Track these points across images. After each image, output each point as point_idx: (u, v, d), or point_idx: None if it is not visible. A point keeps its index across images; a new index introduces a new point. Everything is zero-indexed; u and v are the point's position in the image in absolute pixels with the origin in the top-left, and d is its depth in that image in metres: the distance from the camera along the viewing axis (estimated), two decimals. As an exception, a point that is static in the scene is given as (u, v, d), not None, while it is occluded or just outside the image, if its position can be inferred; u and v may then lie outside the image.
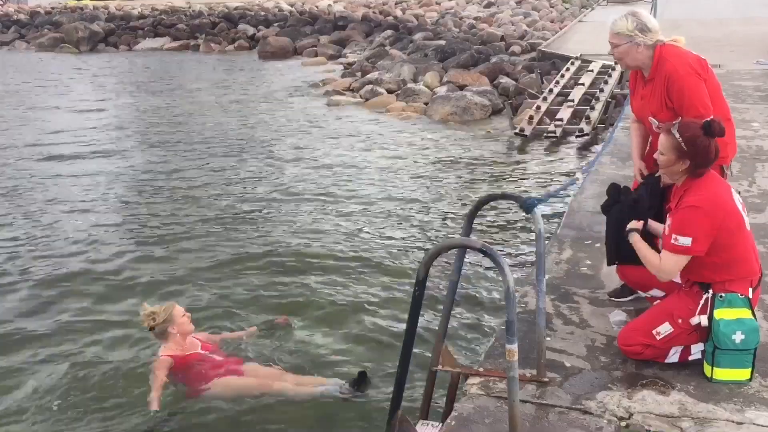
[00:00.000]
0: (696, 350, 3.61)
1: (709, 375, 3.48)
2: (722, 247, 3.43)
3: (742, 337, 3.36)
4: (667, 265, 3.50)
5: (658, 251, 3.63)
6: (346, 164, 11.27)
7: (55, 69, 24.67)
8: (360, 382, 4.79)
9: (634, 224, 3.79)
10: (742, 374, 3.45)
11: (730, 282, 3.46)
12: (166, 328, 4.94)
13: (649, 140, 4.27)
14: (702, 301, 3.48)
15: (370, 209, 8.98)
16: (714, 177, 3.56)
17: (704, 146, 3.41)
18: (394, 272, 6.99)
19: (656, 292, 3.98)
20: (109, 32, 33.50)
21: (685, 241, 3.40)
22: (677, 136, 3.43)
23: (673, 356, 3.63)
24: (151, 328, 4.97)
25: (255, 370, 4.99)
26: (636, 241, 3.69)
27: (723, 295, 3.44)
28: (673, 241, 3.44)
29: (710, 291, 3.47)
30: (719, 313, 3.41)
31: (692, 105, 3.87)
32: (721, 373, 3.45)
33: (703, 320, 3.44)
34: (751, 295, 3.50)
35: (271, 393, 4.81)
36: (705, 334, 3.48)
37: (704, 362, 3.52)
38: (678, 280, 3.65)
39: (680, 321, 3.52)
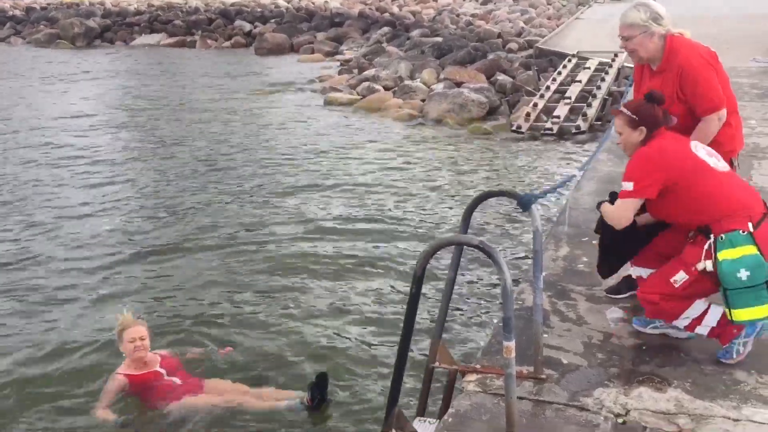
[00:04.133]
0: (706, 323, 3.65)
1: (729, 318, 3.50)
2: (687, 188, 3.56)
3: (747, 273, 3.38)
4: (617, 211, 3.73)
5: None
6: (342, 161, 11.25)
7: (52, 65, 24.57)
8: (320, 386, 4.63)
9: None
10: (762, 311, 3.45)
11: (726, 220, 3.49)
12: (119, 343, 4.88)
13: None
14: (706, 246, 3.51)
15: (366, 206, 8.97)
16: (666, 134, 3.70)
17: (650, 110, 3.69)
18: (391, 269, 7.00)
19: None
20: (105, 28, 33.38)
21: (627, 185, 3.63)
22: (626, 111, 3.73)
23: (684, 320, 3.67)
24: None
25: (216, 387, 4.86)
26: (604, 206, 3.87)
27: (723, 236, 3.47)
28: (622, 188, 3.68)
29: (712, 236, 3.50)
30: (722, 255, 3.44)
31: (706, 95, 3.85)
32: (740, 314, 3.45)
33: (708, 265, 3.47)
34: (752, 230, 3.47)
35: (234, 409, 4.68)
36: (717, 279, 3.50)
37: (724, 308, 3.52)
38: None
39: (693, 269, 3.56)
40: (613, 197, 3.88)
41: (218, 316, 6.14)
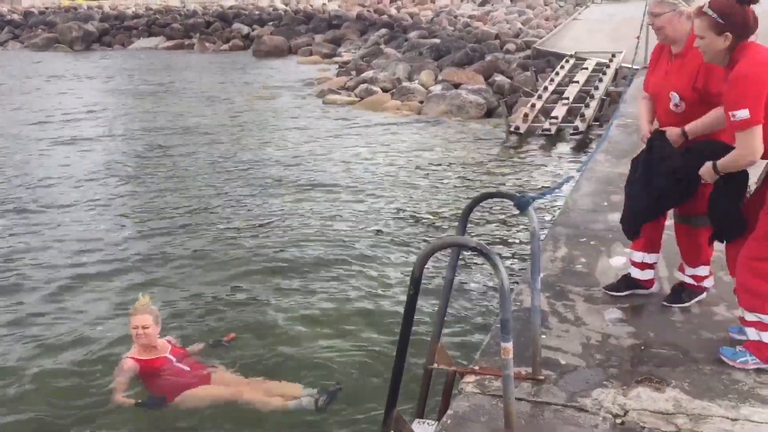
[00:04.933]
0: None
1: None
2: None
3: None
4: (742, 147, 3.35)
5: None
6: (340, 163, 11.26)
7: (50, 68, 24.60)
8: (333, 397, 4.72)
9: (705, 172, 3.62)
10: None
11: None
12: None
13: (655, 119, 4.16)
14: None
15: (364, 208, 8.98)
16: (758, 46, 3.34)
17: (741, 14, 3.30)
18: (389, 271, 7.00)
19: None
20: (104, 32, 33.45)
21: (743, 114, 3.25)
22: (711, 13, 3.32)
23: None
24: None
25: (223, 379, 4.91)
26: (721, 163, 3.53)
27: None
28: (732, 119, 3.30)
29: None
30: None
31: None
32: None
33: None
34: None
35: (240, 403, 4.72)
36: None
37: None
38: None
39: None
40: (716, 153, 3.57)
41: (220, 313, 6.18)
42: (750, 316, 3.55)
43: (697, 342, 3.85)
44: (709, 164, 3.60)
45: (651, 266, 4.34)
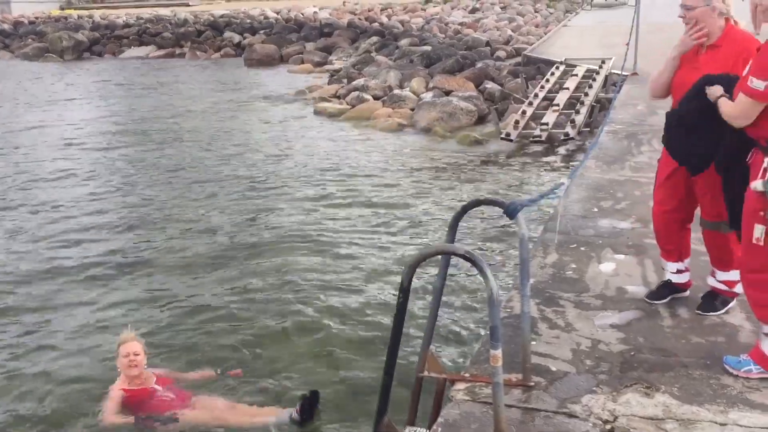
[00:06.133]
0: None
1: None
2: None
3: None
4: (736, 107, 3.37)
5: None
6: (331, 171, 11.27)
7: (40, 78, 24.55)
8: (311, 402, 4.68)
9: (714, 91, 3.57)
10: None
11: None
12: (116, 358, 4.96)
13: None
14: (764, 164, 3.29)
15: (353, 216, 8.98)
16: None
17: None
18: (379, 279, 7.00)
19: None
20: (94, 41, 33.41)
21: (759, 84, 3.22)
22: None
23: None
24: None
25: (206, 404, 4.91)
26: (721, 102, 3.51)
27: None
28: (748, 83, 3.29)
29: None
30: None
31: None
32: None
33: (758, 185, 3.28)
34: None
35: (223, 426, 4.73)
36: None
37: None
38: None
39: (761, 214, 3.31)
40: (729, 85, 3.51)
41: (209, 328, 6.14)
42: (766, 328, 3.54)
43: (686, 347, 3.87)
44: (720, 89, 3.55)
45: (686, 270, 4.35)
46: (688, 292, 4.41)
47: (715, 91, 3.60)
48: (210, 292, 6.88)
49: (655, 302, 4.38)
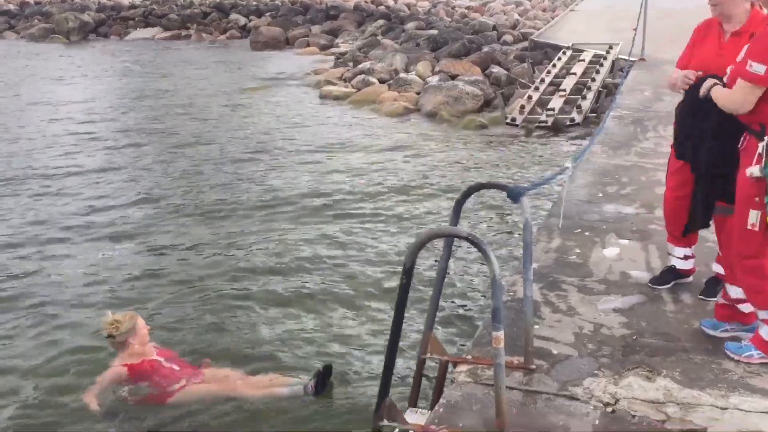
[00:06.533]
0: None
1: None
2: None
3: None
4: (735, 94, 3.32)
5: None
6: (336, 154, 11.27)
7: (46, 59, 24.49)
8: (324, 376, 4.74)
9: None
10: None
11: None
12: (126, 338, 4.85)
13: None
14: (759, 150, 3.27)
15: (357, 198, 8.99)
16: None
17: None
18: (382, 261, 7.02)
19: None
20: (100, 22, 33.27)
21: (759, 68, 3.18)
22: None
23: None
24: (111, 336, 4.85)
25: (215, 375, 4.90)
26: (715, 90, 3.51)
27: None
28: (747, 67, 3.24)
29: (765, 138, 3.25)
30: None
31: None
32: None
33: (755, 171, 3.26)
34: None
35: (233, 397, 4.73)
36: None
37: None
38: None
39: (756, 199, 3.32)
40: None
41: (215, 305, 6.18)
42: (762, 314, 3.55)
43: (688, 332, 3.88)
44: (714, 81, 3.55)
45: (692, 256, 4.36)
46: (691, 278, 4.41)
47: (707, 83, 3.57)
48: (217, 269, 6.92)
49: (659, 287, 4.39)
